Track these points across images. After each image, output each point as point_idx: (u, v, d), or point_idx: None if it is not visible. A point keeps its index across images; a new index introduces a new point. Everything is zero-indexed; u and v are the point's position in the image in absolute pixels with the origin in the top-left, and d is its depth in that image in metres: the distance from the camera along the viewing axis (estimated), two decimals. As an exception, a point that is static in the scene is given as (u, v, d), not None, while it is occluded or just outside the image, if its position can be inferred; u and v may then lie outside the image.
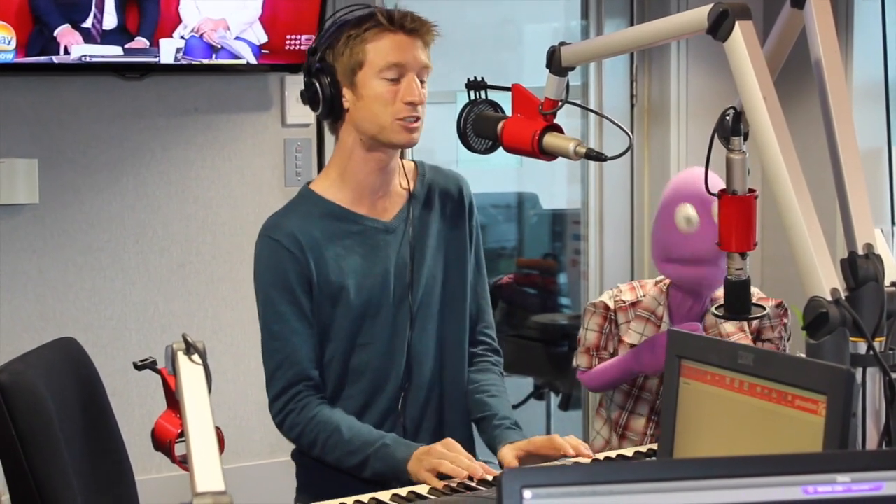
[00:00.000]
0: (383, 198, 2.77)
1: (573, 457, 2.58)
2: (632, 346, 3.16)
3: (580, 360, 3.26)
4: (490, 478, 2.49)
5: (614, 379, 3.21)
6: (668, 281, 3.22)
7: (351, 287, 2.69)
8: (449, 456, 2.51)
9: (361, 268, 2.71)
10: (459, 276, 2.84)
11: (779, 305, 3.22)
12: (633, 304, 3.21)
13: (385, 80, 2.63)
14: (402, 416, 2.77)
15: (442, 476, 2.50)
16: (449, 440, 2.58)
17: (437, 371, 2.81)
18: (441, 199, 2.84)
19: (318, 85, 2.67)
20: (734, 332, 3.14)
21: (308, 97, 2.70)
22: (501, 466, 2.66)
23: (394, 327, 2.74)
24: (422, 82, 2.68)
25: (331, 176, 2.76)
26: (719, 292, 3.16)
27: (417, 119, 2.67)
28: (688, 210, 3.09)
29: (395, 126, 2.65)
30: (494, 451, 2.72)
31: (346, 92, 2.67)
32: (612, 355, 3.21)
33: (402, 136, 2.66)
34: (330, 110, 2.68)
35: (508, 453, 2.63)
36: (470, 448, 2.76)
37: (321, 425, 2.66)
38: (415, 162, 2.86)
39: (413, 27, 2.66)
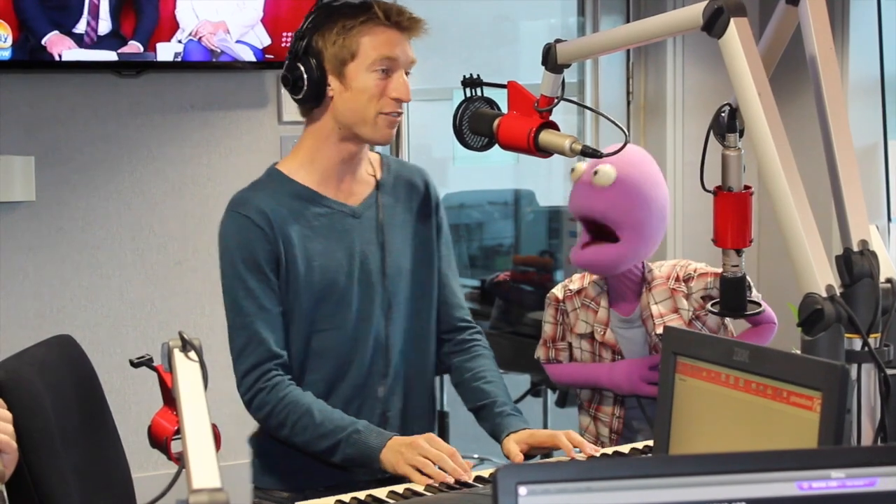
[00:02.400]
0: (350, 183, 2.76)
1: (574, 455, 2.59)
2: (580, 335, 3.16)
3: (539, 352, 3.29)
4: (470, 479, 2.49)
5: (580, 384, 3.23)
6: None
7: (315, 269, 2.67)
8: (433, 454, 2.50)
9: (326, 250, 2.69)
10: (427, 267, 2.84)
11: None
12: (579, 292, 3.21)
13: (375, 73, 2.63)
14: (383, 402, 2.76)
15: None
16: (431, 435, 2.57)
17: (404, 360, 2.79)
18: (407, 190, 2.84)
19: (302, 69, 2.64)
20: (666, 312, 3.12)
21: (292, 81, 2.67)
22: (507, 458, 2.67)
23: (359, 313, 2.71)
24: (406, 73, 2.68)
25: (299, 158, 2.74)
26: (657, 270, 3.15)
27: (399, 115, 2.68)
28: (576, 164, 3.09)
29: (378, 121, 2.65)
30: (497, 438, 2.73)
31: (331, 80, 2.65)
32: (569, 346, 3.22)
33: (382, 132, 2.67)
34: (313, 95, 2.66)
35: (513, 448, 2.64)
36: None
37: (291, 406, 2.63)
38: (379, 154, 2.86)
39: (408, 25, 2.66)
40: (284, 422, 2.64)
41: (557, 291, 3.26)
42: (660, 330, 3.06)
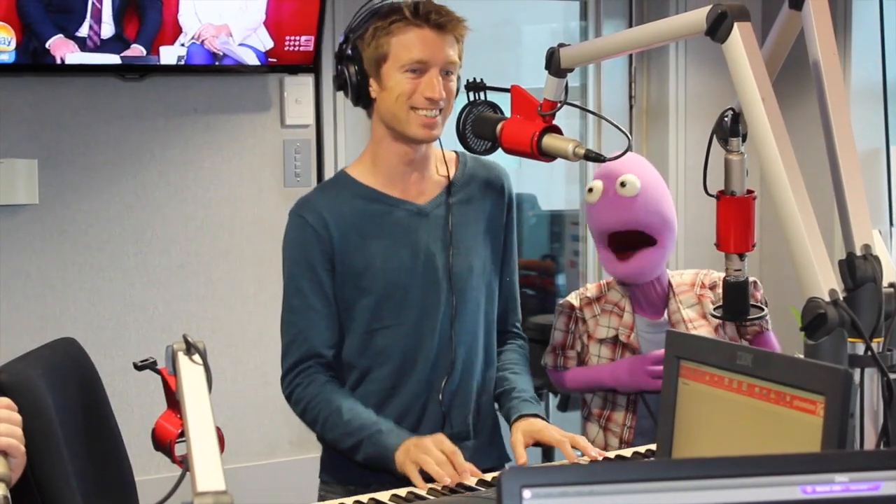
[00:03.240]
0: (417, 182, 2.77)
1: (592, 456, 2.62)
2: (600, 341, 3.17)
3: (547, 359, 3.29)
4: (474, 482, 2.49)
5: (584, 387, 3.23)
6: None
7: (377, 268, 2.70)
8: (435, 454, 2.51)
9: (388, 249, 2.71)
10: (494, 267, 2.86)
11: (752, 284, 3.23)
12: (598, 299, 3.22)
13: (407, 74, 2.63)
14: (446, 401, 2.77)
15: (424, 473, 2.50)
16: (439, 436, 2.58)
17: (470, 361, 2.81)
18: (481, 189, 2.84)
19: (346, 73, 2.69)
20: (695, 317, 3.13)
21: (338, 84, 2.74)
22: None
23: (423, 310, 2.73)
24: (448, 74, 2.66)
25: (364, 161, 2.79)
26: (679, 277, 3.17)
27: (437, 115, 2.66)
28: (592, 183, 3.11)
29: (411, 118, 2.65)
30: (508, 420, 2.75)
31: (372, 82, 2.68)
32: (579, 354, 3.22)
33: (419, 130, 2.66)
34: (358, 98, 2.71)
35: (519, 441, 2.65)
36: (497, 442, 2.83)
37: (323, 403, 2.69)
38: (456, 153, 2.86)
39: (440, 22, 2.64)
40: (317, 418, 2.70)
41: (572, 299, 3.26)
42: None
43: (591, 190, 3.10)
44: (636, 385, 3.09)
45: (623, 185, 3.04)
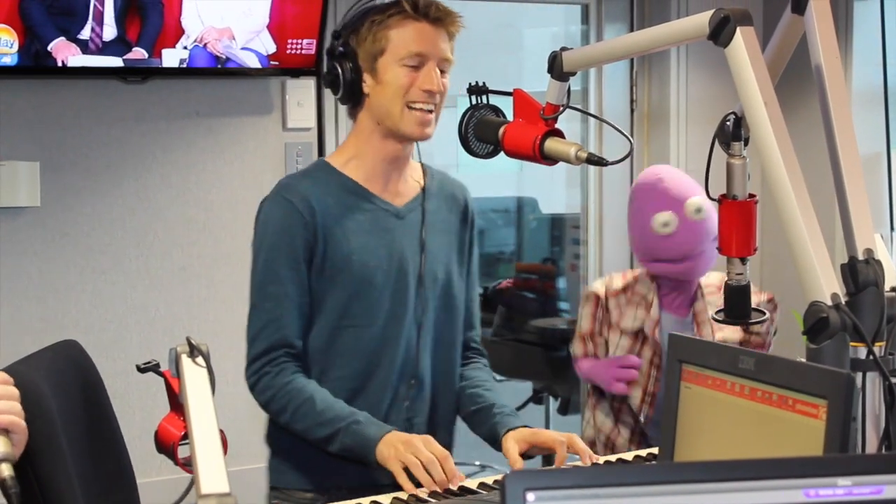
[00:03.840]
0: (396, 183, 2.77)
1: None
2: (622, 331, 3.21)
3: (576, 348, 3.31)
4: (455, 487, 2.48)
5: (588, 379, 3.28)
6: None
7: (354, 263, 2.67)
8: (424, 455, 2.47)
9: (367, 246, 2.69)
10: (459, 279, 2.84)
11: (770, 301, 3.27)
12: (624, 290, 3.26)
13: (405, 67, 2.64)
14: (409, 407, 2.74)
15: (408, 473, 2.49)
16: (429, 437, 2.54)
17: (433, 368, 2.79)
18: (448, 202, 2.85)
19: (339, 69, 2.67)
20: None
21: (329, 81, 2.71)
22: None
23: (390, 313, 2.71)
24: (442, 72, 2.68)
25: (347, 153, 2.76)
26: (706, 278, 3.24)
27: (431, 111, 2.67)
28: (664, 217, 3.15)
29: (405, 116, 2.65)
30: (495, 438, 2.71)
31: (366, 77, 2.67)
32: (606, 342, 3.25)
33: (414, 128, 2.67)
34: (350, 95, 2.69)
35: (512, 448, 2.62)
36: (449, 447, 2.78)
37: (294, 392, 2.63)
38: (422, 163, 2.86)
39: (437, 16, 2.66)
40: (286, 407, 2.64)
41: (598, 288, 3.31)
42: (718, 335, 3.13)
43: (666, 224, 3.14)
44: (607, 387, 3.13)
45: (698, 210, 3.12)
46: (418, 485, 2.47)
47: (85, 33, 3.86)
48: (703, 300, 3.23)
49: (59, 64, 3.83)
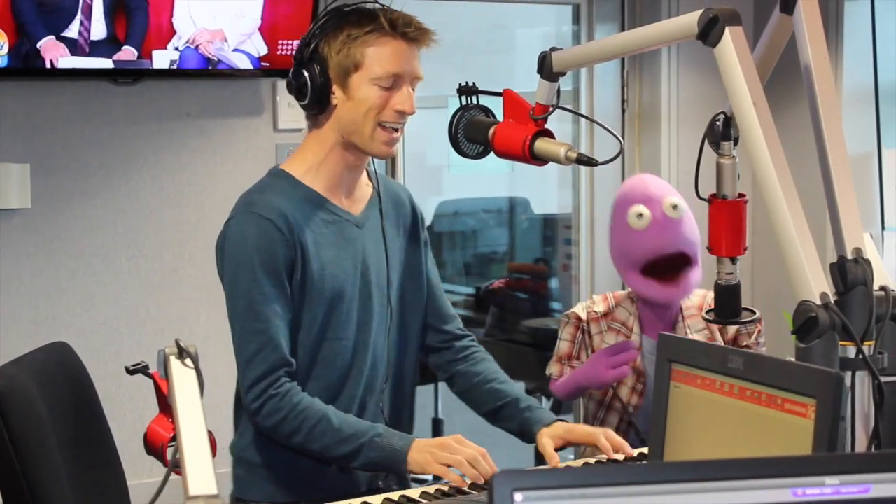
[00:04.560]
0: (351, 192, 2.74)
1: (612, 456, 2.64)
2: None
3: (552, 369, 3.31)
4: None
5: (570, 392, 3.25)
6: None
7: (326, 277, 2.64)
8: (466, 453, 2.50)
9: (336, 258, 2.66)
10: (416, 281, 2.85)
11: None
12: (605, 315, 3.25)
13: (378, 87, 2.59)
14: (375, 412, 2.74)
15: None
16: (459, 436, 2.56)
17: (395, 372, 2.80)
18: (395, 205, 2.84)
19: (307, 76, 2.60)
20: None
21: (296, 87, 2.63)
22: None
23: (358, 323, 2.70)
24: (412, 90, 2.64)
25: (305, 161, 2.69)
26: (687, 301, 3.22)
27: (398, 130, 2.64)
28: (638, 208, 3.14)
29: (376, 135, 2.61)
30: (529, 433, 2.74)
31: (335, 89, 2.61)
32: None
33: (382, 147, 2.64)
34: (317, 102, 2.62)
35: (548, 444, 2.66)
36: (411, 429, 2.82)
37: (306, 412, 2.57)
38: (366, 168, 2.82)
39: (414, 35, 2.61)
40: (299, 428, 2.57)
41: (579, 311, 3.29)
42: None
43: (640, 216, 3.11)
44: (600, 380, 3.11)
45: (675, 207, 3.09)
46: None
47: (73, 30, 3.85)
48: (683, 323, 3.20)
49: (48, 64, 3.82)
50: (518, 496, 1.25)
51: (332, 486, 2.66)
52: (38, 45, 3.80)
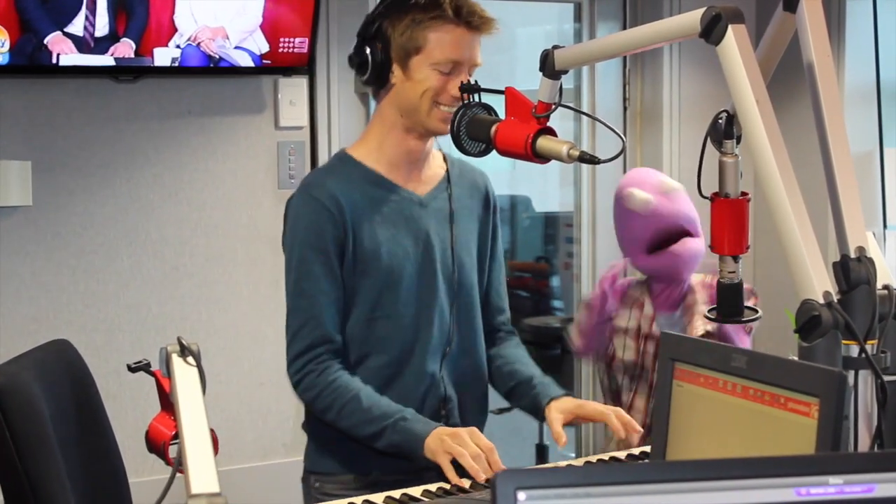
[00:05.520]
0: (418, 172, 2.78)
1: (622, 439, 2.65)
2: (625, 332, 3.34)
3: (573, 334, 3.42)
4: None
5: (589, 333, 3.40)
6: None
7: (383, 255, 2.69)
8: (471, 448, 2.50)
9: (394, 237, 2.71)
10: (481, 265, 2.87)
11: (750, 291, 3.32)
12: (623, 292, 3.38)
13: (437, 71, 2.65)
14: (444, 391, 2.77)
15: (456, 465, 2.51)
16: (474, 430, 2.57)
17: (463, 352, 2.82)
18: (470, 190, 2.87)
19: (368, 52, 2.67)
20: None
21: (357, 63, 2.71)
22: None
23: (420, 301, 2.74)
24: (469, 76, 2.69)
25: (369, 144, 2.77)
26: (695, 278, 3.32)
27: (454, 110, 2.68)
28: (638, 193, 3.27)
29: (433, 113, 2.67)
30: (538, 408, 2.75)
31: (395, 68, 2.68)
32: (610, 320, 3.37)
33: (439, 125, 2.69)
34: (377, 78, 2.69)
35: (556, 417, 2.67)
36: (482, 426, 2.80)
37: (340, 390, 2.64)
38: (442, 151, 2.88)
39: (478, 24, 2.67)
40: (332, 405, 2.65)
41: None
42: (708, 327, 3.24)
43: (646, 202, 3.24)
44: (600, 288, 3.28)
45: (666, 189, 3.30)
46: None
47: (78, 25, 3.85)
48: (693, 295, 3.31)
49: (55, 58, 3.82)
50: (521, 495, 1.25)
51: (393, 464, 2.68)
52: (45, 41, 3.80)
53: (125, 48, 3.94)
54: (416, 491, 2.48)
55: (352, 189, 2.70)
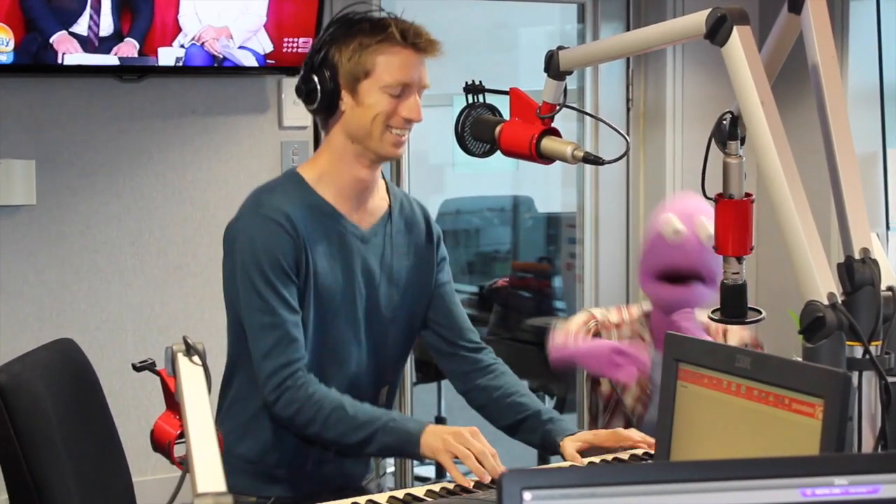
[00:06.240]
0: (362, 205, 2.76)
1: (642, 449, 2.66)
2: None
3: (555, 337, 3.29)
4: None
5: (565, 360, 3.25)
6: (650, 307, 3.28)
7: (320, 284, 2.68)
8: (476, 447, 2.51)
9: (331, 268, 2.69)
10: (419, 301, 2.86)
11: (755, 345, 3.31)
12: (617, 326, 3.26)
13: (387, 95, 2.63)
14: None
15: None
16: (475, 429, 2.57)
17: (383, 384, 2.84)
18: (410, 223, 2.86)
19: (316, 80, 2.65)
20: None
21: (305, 92, 2.68)
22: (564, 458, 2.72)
23: (345, 334, 2.73)
24: (418, 97, 2.68)
25: (319, 167, 2.74)
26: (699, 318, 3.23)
27: (406, 134, 2.69)
28: (673, 220, 3.17)
29: (385, 137, 2.65)
30: (552, 444, 2.75)
31: (344, 95, 2.66)
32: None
33: (390, 149, 2.68)
34: (326, 107, 2.67)
35: (570, 446, 2.67)
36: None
37: (322, 402, 2.61)
38: (385, 180, 2.86)
39: (424, 46, 2.66)
40: (315, 417, 2.61)
41: (596, 312, 3.31)
42: None
43: (677, 232, 3.16)
44: (600, 369, 3.12)
45: (707, 234, 3.14)
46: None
47: (83, 25, 3.85)
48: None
49: (60, 57, 3.83)
50: (527, 495, 1.25)
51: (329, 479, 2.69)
52: (50, 40, 3.81)
53: (129, 48, 3.95)
54: (419, 491, 2.49)
55: (302, 210, 2.67)
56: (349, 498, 2.49)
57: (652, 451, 2.62)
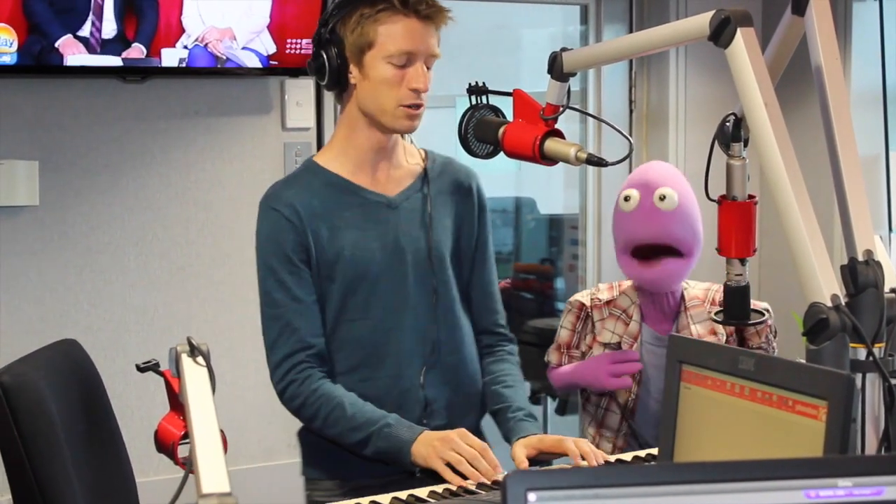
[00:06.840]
0: (386, 172, 2.76)
1: (580, 462, 2.58)
2: (604, 345, 3.17)
3: (551, 357, 3.30)
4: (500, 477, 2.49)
5: (567, 385, 3.25)
6: None
7: (346, 259, 2.68)
8: (466, 451, 2.50)
9: (358, 240, 2.70)
10: (463, 268, 2.84)
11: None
12: (608, 303, 3.22)
13: (392, 65, 2.62)
14: (426, 393, 2.75)
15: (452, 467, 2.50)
16: (464, 431, 2.57)
17: (448, 352, 2.79)
18: (451, 187, 2.83)
19: (325, 56, 2.66)
20: (704, 334, 3.14)
21: (315, 68, 2.70)
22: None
23: (388, 304, 2.72)
24: (427, 68, 2.66)
25: (334, 147, 2.77)
26: (691, 290, 3.18)
27: (420, 106, 2.66)
28: (628, 191, 3.14)
29: (397, 112, 2.65)
30: (509, 442, 2.73)
31: (352, 68, 2.66)
32: (584, 354, 3.23)
33: (402, 122, 2.67)
34: (336, 82, 2.68)
35: (520, 452, 2.63)
36: (478, 435, 2.76)
37: (323, 399, 2.64)
38: (425, 151, 2.85)
39: (427, 13, 2.63)
40: (316, 414, 2.65)
41: (583, 298, 3.27)
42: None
43: (627, 199, 3.11)
44: (599, 384, 3.11)
45: (662, 198, 3.07)
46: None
47: (85, 29, 3.86)
48: (686, 314, 3.17)
49: (63, 58, 3.83)
50: (532, 496, 1.25)
51: (375, 470, 2.67)
52: (55, 44, 3.81)
53: (133, 49, 3.95)
54: (422, 492, 2.48)
55: (311, 196, 2.69)
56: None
57: (587, 464, 2.56)
